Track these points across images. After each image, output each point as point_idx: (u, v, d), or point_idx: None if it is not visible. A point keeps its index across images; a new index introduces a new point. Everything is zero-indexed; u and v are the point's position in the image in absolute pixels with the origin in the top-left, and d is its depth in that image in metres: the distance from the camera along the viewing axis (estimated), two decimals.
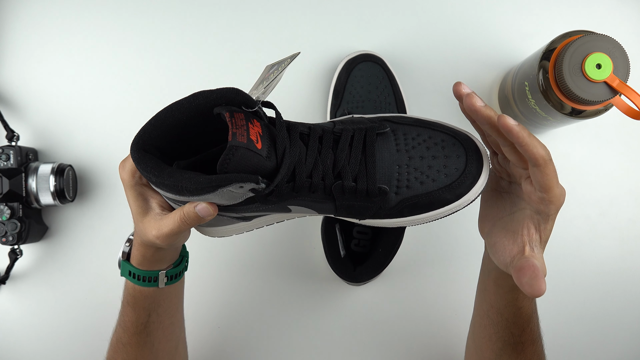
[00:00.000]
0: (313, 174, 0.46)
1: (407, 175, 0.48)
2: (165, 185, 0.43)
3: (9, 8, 0.75)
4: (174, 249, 0.54)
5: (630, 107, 0.56)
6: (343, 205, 0.48)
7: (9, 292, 0.74)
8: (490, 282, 0.55)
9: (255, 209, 0.48)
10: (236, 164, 0.41)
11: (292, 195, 0.46)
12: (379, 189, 0.47)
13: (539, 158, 0.45)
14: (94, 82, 0.75)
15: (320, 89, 0.74)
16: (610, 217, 0.73)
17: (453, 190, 0.47)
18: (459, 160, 0.48)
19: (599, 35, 0.55)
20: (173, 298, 0.57)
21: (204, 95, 0.44)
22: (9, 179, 0.69)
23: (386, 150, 0.48)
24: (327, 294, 0.73)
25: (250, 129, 0.42)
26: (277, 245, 0.74)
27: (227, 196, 0.44)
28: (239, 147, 0.41)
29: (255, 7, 0.75)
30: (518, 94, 0.65)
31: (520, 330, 0.54)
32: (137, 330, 0.55)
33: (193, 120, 0.45)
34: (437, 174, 0.48)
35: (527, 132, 0.45)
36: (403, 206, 0.48)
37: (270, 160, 0.43)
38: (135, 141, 0.44)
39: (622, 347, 0.72)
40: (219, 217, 0.50)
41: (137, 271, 0.53)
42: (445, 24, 0.75)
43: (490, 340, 0.56)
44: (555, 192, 0.46)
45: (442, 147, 0.48)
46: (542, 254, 0.48)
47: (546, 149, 0.46)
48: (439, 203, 0.48)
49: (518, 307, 0.53)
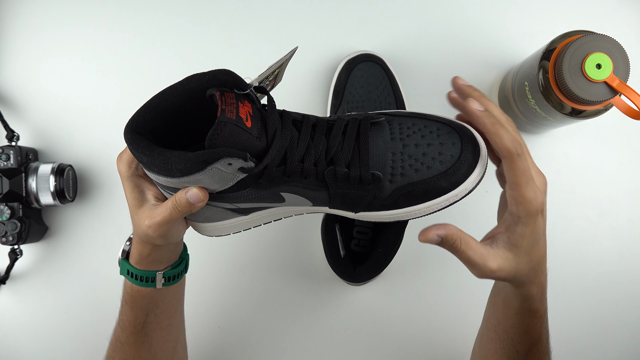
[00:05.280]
0: (305, 158, 0.46)
1: (402, 162, 0.47)
2: (157, 166, 0.43)
3: (9, 8, 0.75)
4: (171, 248, 0.54)
5: (630, 107, 0.56)
6: (337, 194, 0.48)
7: (9, 292, 0.74)
8: (499, 300, 0.54)
9: (248, 197, 0.47)
10: (224, 139, 0.41)
11: (283, 180, 0.46)
12: (372, 175, 0.47)
13: (503, 149, 0.44)
14: (94, 82, 0.75)
15: (320, 89, 0.74)
16: (610, 217, 0.73)
17: (448, 177, 0.47)
18: (454, 147, 0.47)
19: (599, 35, 0.55)
20: (172, 299, 0.57)
21: (197, 77, 0.44)
22: (9, 179, 0.69)
23: (380, 138, 0.48)
24: (327, 294, 0.73)
25: (240, 107, 0.42)
26: (277, 245, 0.74)
27: (217, 176, 0.44)
28: (228, 122, 0.41)
29: (255, 7, 0.75)
30: (518, 94, 0.65)
31: (526, 350, 0.53)
32: (135, 329, 0.55)
33: (187, 103, 0.45)
34: (431, 161, 0.47)
35: (493, 120, 0.45)
36: (398, 195, 0.47)
37: (260, 141, 0.43)
38: (129, 124, 0.44)
39: (622, 347, 0.72)
40: (214, 209, 0.49)
41: (135, 270, 0.53)
42: (445, 24, 0.75)
43: (496, 353, 0.55)
44: (525, 193, 0.44)
45: (437, 135, 0.48)
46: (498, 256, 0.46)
47: (516, 143, 0.44)
48: (434, 192, 0.47)
49: (525, 330, 0.52)
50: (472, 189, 0.48)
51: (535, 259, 0.48)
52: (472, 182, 0.47)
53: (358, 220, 0.71)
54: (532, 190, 0.45)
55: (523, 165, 0.45)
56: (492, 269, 0.46)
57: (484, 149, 0.48)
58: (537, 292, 0.50)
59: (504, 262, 0.46)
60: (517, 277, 0.48)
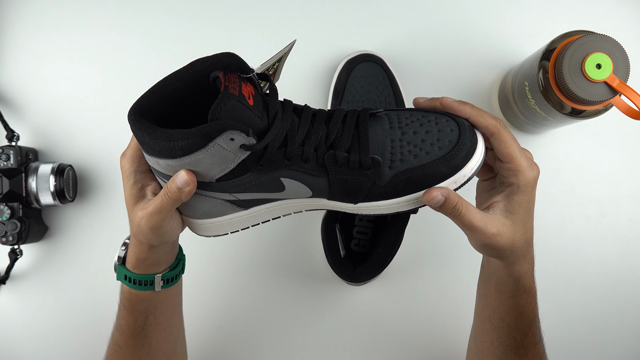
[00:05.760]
0: (305, 142, 0.46)
1: (401, 149, 0.48)
2: (159, 146, 0.43)
3: (9, 8, 0.75)
4: (167, 250, 0.53)
5: (630, 107, 0.56)
6: (337, 180, 0.48)
7: (9, 292, 0.74)
8: (491, 287, 0.54)
9: (249, 184, 0.47)
10: (227, 113, 0.41)
11: (284, 164, 0.46)
12: (372, 159, 0.47)
13: (490, 125, 0.48)
14: (94, 82, 0.75)
15: (320, 89, 0.74)
16: (610, 217, 0.73)
17: (447, 162, 0.47)
18: (452, 133, 0.48)
19: (599, 35, 0.55)
20: (170, 300, 0.57)
21: (201, 61, 0.45)
22: (9, 179, 0.69)
23: (379, 127, 0.49)
24: (327, 294, 0.73)
25: (243, 87, 0.43)
26: (277, 245, 0.74)
27: (218, 155, 0.44)
28: (231, 97, 0.41)
29: (255, 6, 0.75)
30: (518, 94, 0.65)
31: (522, 335, 0.54)
32: (134, 333, 0.55)
33: (191, 88, 0.45)
34: (430, 147, 0.48)
35: (471, 105, 0.48)
36: (397, 181, 0.48)
37: (262, 120, 0.44)
38: (134, 107, 0.44)
39: (622, 347, 0.72)
40: (212, 201, 0.49)
41: (132, 275, 0.53)
42: (445, 24, 0.75)
43: (492, 344, 0.56)
44: (521, 162, 0.48)
45: (435, 122, 0.49)
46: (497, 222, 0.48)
47: (497, 119, 0.48)
48: (434, 177, 0.47)
49: (520, 312, 0.53)
50: (470, 176, 0.48)
51: (529, 230, 0.50)
52: (471, 169, 0.48)
53: (358, 220, 0.71)
54: (526, 159, 0.48)
55: (511, 135, 0.48)
56: (492, 232, 0.47)
57: (482, 140, 0.49)
58: (528, 269, 0.51)
59: (503, 228, 0.48)
60: (514, 249, 0.49)
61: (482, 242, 0.48)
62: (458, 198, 0.47)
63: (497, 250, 0.49)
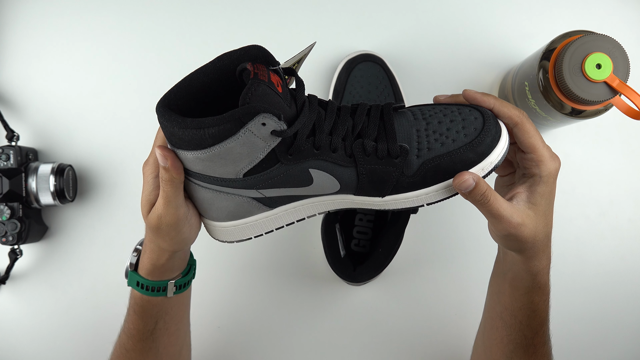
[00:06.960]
0: (333, 132, 0.47)
1: (427, 137, 0.48)
2: (188, 135, 0.43)
3: (9, 8, 0.75)
4: (182, 256, 0.53)
5: (630, 107, 0.56)
6: (365, 170, 0.48)
7: (9, 292, 0.74)
8: (505, 284, 0.54)
9: (277, 177, 0.47)
10: (258, 98, 0.42)
11: (313, 154, 0.46)
12: (400, 147, 0.47)
13: (513, 116, 0.48)
14: (94, 82, 0.75)
15: (320, 89, 0.74)
16: (610, 217, 0.73)
17: (474, 148, 0.47)
18: (477, 121, 0.48)
19: (599, 35, 0.55)
20: (181, 305, 0.57)
21: (228, 55, 0.45)
22: (9, 179, 0.69)
23: (404, 118, 0.49)
24: (327, 294, 0.73)
25: (271, 76, 0.43)
26: (277, 245, 0.74)
27: (248, 143, 0.43)
28: (261, 82, 0.42)
29: (254, 7, 0.75)
30: (518, 94, 0.65)
31: (533, 333, 0.53)
32: (143, 337, 0.55)
33: (218, 83, 0.45)
34: (456, 134, 0.48)
35: (494, 96, 0.49)
36: (425, 170, 0.48)
37: (291, 109, 0.44)
38: (161, 101, 0.44)
39: (622, 347, 0.72)
40: (238, 199, 0.49)
41: (145, 282, 0.53)
42: (445, 24, 0.75)
43: (502, 342, 0.55)
44: (544, 152, 0.48)
45: (458, 112, 0.49)
46: (521, 212, 0.48)
47: (520, 110, 0.48)
48: (462, 164, 0.47)
49: (533, 310, 0.52)
50: (497, 163, 0.48)
51: (549, 222, 0.50)
52: (497, 155, 0.48)
53: (358, 220, 0.71)
54: (548, 149, 0.49)
55: (534, 126, 0.48)
56: (518, 222, 0.47)
57: (505, 128, 0.49)
58: (546, 265, 0.51)
59: (527, 219, 0.48)
60: (535, 241, 0.49)
61: (507, 232, 0.48)
62: (487, 185, 0.47)
63: (520, 241, 0.48)
